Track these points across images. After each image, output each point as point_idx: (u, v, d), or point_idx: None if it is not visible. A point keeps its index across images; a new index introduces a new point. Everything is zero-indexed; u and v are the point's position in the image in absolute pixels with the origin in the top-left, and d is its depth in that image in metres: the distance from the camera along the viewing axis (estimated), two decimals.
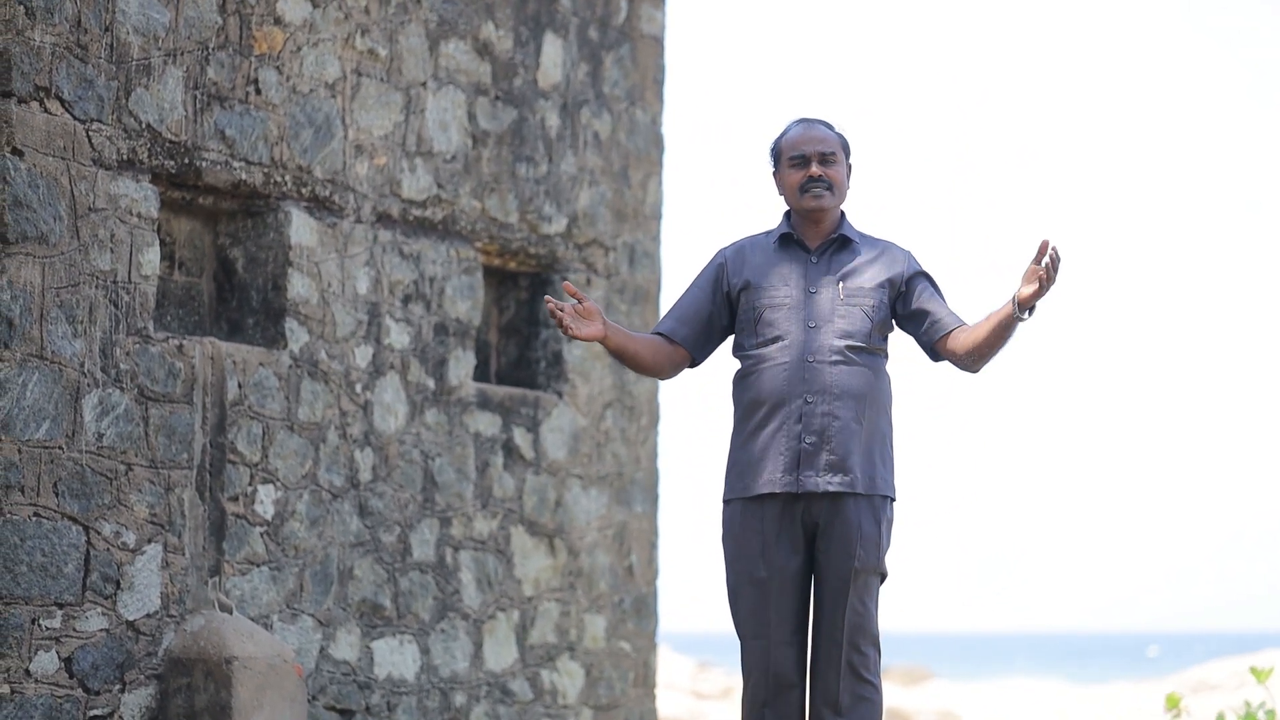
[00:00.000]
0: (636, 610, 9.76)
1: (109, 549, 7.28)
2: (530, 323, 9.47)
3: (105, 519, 7.27)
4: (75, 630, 7.18)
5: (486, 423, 8.97)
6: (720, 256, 6.35)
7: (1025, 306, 5.99)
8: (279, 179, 8.04)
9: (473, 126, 8.93)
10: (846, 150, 6.34)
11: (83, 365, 7.21)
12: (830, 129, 6.33)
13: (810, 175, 6.24)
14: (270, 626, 7.95)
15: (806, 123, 6.34)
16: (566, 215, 9.41)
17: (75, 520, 7.17)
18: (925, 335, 6.26)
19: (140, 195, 7.46)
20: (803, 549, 6.14)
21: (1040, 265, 5.94)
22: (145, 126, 7.48)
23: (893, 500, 6.22)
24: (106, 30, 7.32)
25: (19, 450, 6.98)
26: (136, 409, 7.41)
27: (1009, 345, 6.12)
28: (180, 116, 7.61)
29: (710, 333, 6.32)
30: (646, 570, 9.84)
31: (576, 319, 6.07)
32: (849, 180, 6.34)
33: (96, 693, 7.27)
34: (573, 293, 6.06)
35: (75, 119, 7.20)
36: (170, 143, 7.58)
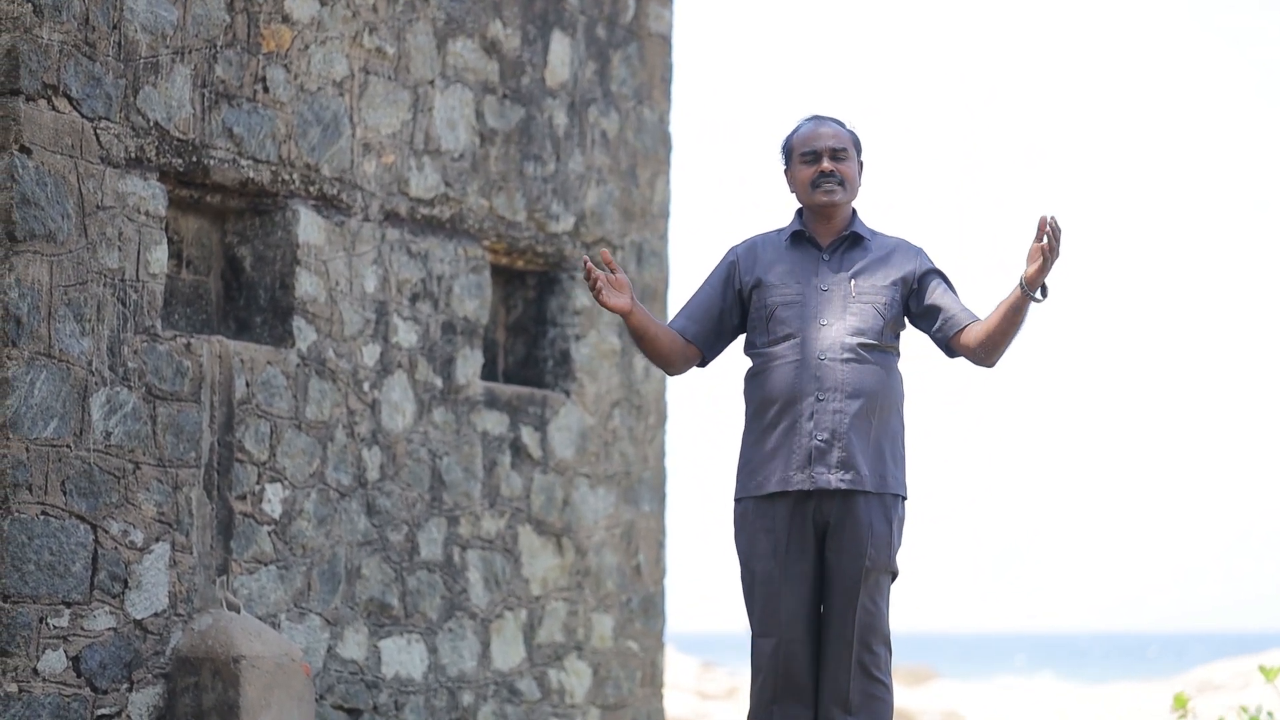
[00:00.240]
0: (644, 610, 9.74)
1: (117, 548, 7.27)
2: (538, 321, 9.45)
3: (113, 518, 7.26)
4: (83, 629, 7.17)
5: (494, 421, 8.96)
6: (732, 254, 6.34)
7: (1034, 285, 5.98)
8: (287, 177, 8.03)
9: (480, 125, 8.92)
10: (858, 147, 6.33)
11: (90, 364, 7.20)
12: (842, 126, 6.32)
13: (822, 170, 6.23)
14: (278, 625, 7.94)
15: (818, 119, 6.34)
16: (574, 214, 9.39)
17: (83, 519, 7.15)
18: (939, 332, 6.24)
19: (148, 193, 7.45)
20: (814, 547, 6.12)
21: (1042, 241, 5.93)
22: (153, 125, 7.46)
23: (904, 499, 6.21)
24: (114, 28, 7.31)
25: (27, 449, 6.97)
26: (144, 407, 7.40)
27: (1021, 332, 6.10)
28: (188, 115, 7.60)
29: (722, 330, 6.31)
30: (654, 570, 9.82)
31: (608, 287, 6.07)
32: (861, 177, 6.33)
33: (104, 692, 7.26)
34: (609, 261, 6.07)
35: (83, 117, 7.19)
36: (178, 141, 7.57)
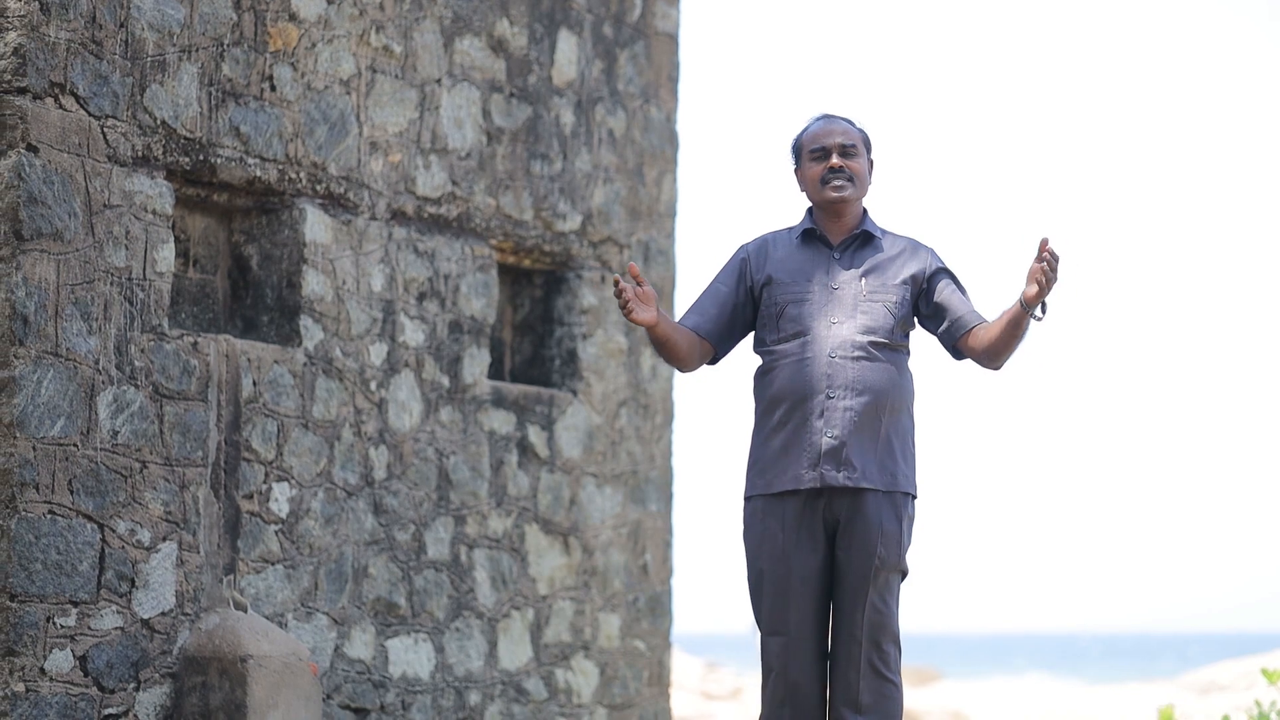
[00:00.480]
0: (651, 609, 9.73)
1: (124, 547, 7.26)
2: (545, 320, 9.44)
3: (120, 517, 7.25)
4: (90, 628, 7.16)
5: (501, 421, 8.95)
6: (743, 251, 6.33)
7: (1032, 306, 5.98)
8: (294, 176, 8.02)
9: (487, 123, 8.91)
10: (868, 145, 6.32)
11: (97, 362, 7.19)
12: (851, 124, 6.32)
13: (831, 167, 6.23)
14: (285, 625, 7.92)
15: (827, 118, 6.33)
16: (581, 213, 9.38)
17: (90, 518, 7.14)
18: (947, 333, 6.24)
19: (155, 192, 7.44)
20: (824, 546, 6.11)
21: (1042, 263, 5.94)
22: (160, 123, 7.45)
23: (914, 497, 6.20)
24: (121, 26, 7.30)
25: (34, 448, 6.96)
26: (151, 406, 7.39)
27: (1024, 342, 6.11)
28: (195, 113, 7.59)
29: (734, 327, 6.29)
30: (661, 569, 9.81)
31: (637, 302, 6.06)
32: (871, 175, 6.32)
33: (111, 691, 7.24)
34: (636, 275, 6.05)
35: (90, 115, 7.18)
36: (185, 139, 7.56)
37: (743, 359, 6.40)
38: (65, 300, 7.08)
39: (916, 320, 6.29)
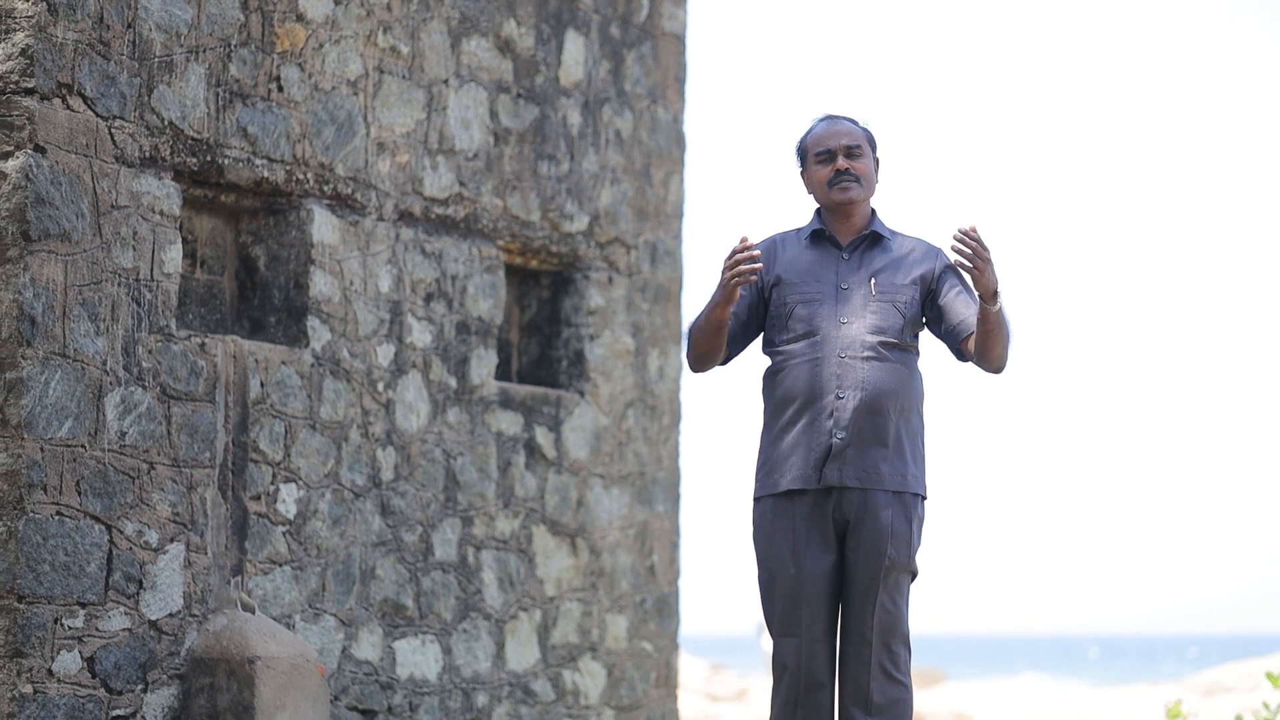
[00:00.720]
0: (658, 610, 9.72)
1: (131, 548, 7.25)
2: (552, 321, 9.43)
3: (128, 518, 7.24)
4: (98, 630, 7.15)
5: (508, 422, 8.94)
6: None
7: (981, 292, 5.97)
8: (301, 176, 8.01)
9: (494, 124, 8.90)
10: (873, 144, 6.30)
11: (105, 363, 7.18)
12: (855, 124, 6.30)
13: (837, 169, 6.21)
14: (293, 626, 7.91)
15: (831, 119, 6.32)
16: (588, 213, 9.37)
17: (98, 519, 7.13)
18: (950, 336, 6.22)
19: (162, 193, 7.43)
20: (833, 546, 6.10)
21: (967, 250, 5.92)
22: (167, 124, 7.44)
23: (924, 498, 6.19)
24: (129, 27, 7.29)
25: (41, 449, 6.95)
26: (159, 407, 7.38)
27: (1005, 338, 6.07)
28: (202, 114, 7.58)
29: (749, 327, 6.28)
30: (668, 570, 9.80)
31: (747, 275, 6.03)
32: (877, 174, 6.30)
33: (119, 692, 7.23)
34: (750, 250, 6.04)
35: (98, 116, 7.17)
36: (192, 140, 7.55)
37: (751, 359, 6.39)
38: (73, 301, 7.07)
39: (924, 321, 6.28)
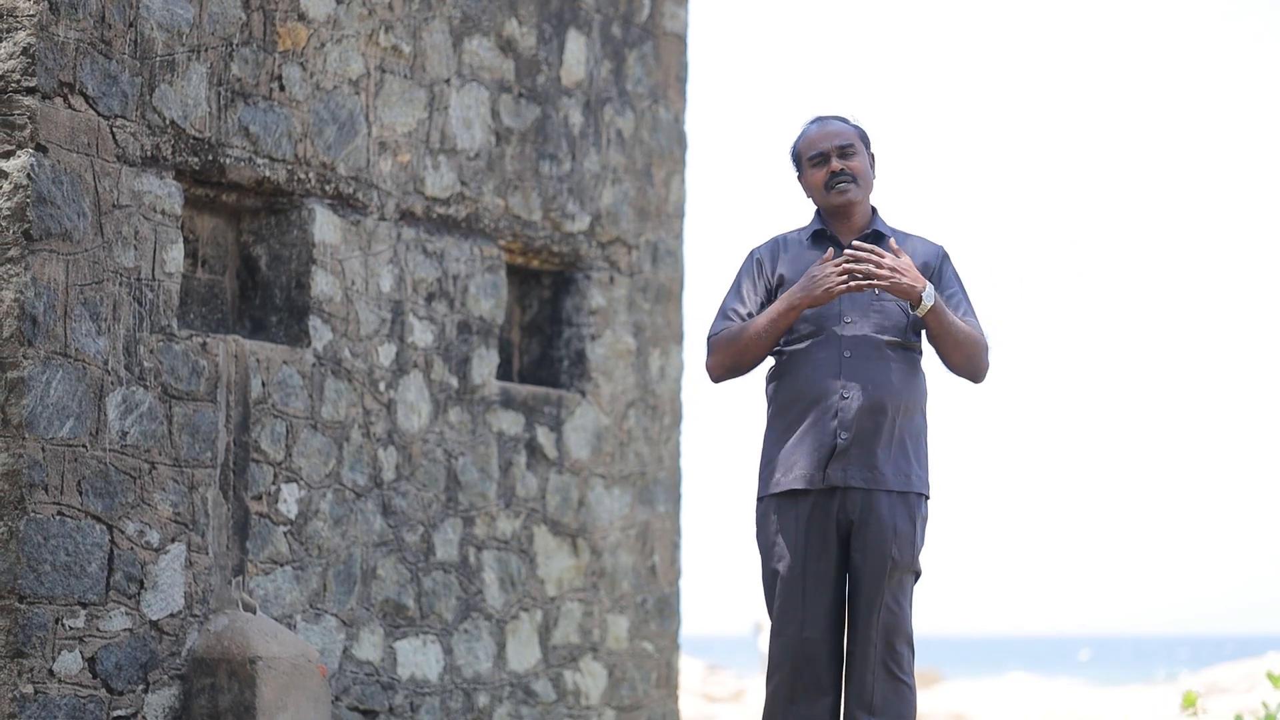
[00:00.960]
0: (659, 611, 9.71)
1: (133, 548, 7.24)
2: (553, 321, 9.42)
3: (129, 518, 7.23)
4: (99, 630, 7.14)
5: (510, 422, 8.93)
6: (756, 254, 6.30)
7: (909, 302, 6.03)
8: (303, 176, 8.00)
9: (496, 124, 8.89)
10: (866, 140, 6.28)
11: (106, 363, 7.17)
12: (846, 122, 6.28)
13: (832, 171, 6.20)
14: (294, 626, 7.90)
15: (821, 120, 6.30)
16: (590, 213, 9.36)
17: (99, 519, 7.12)
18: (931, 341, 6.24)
19: (164, 192, 7.42)
20: (837, 546, 6.09)
21: (862, 269, 6.02)
22: (169, 123, 7.43)
23: (927, 498, 6.18)
24: (130, 26, 7.28)
25: (43, 448, 6.94)
26: (160, 407, 7.37)
27: (954, 342, 6.10)
28: (204, 113, 7.57)
29: None
30: (669, 570, 9.79)
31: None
32: (873, 170, 6.29)
33: (120, 693, 7.22)
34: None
35: (99, 115, 7.16)
36: (194, 139, 7.54)
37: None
38: (74, 301, 7.05)
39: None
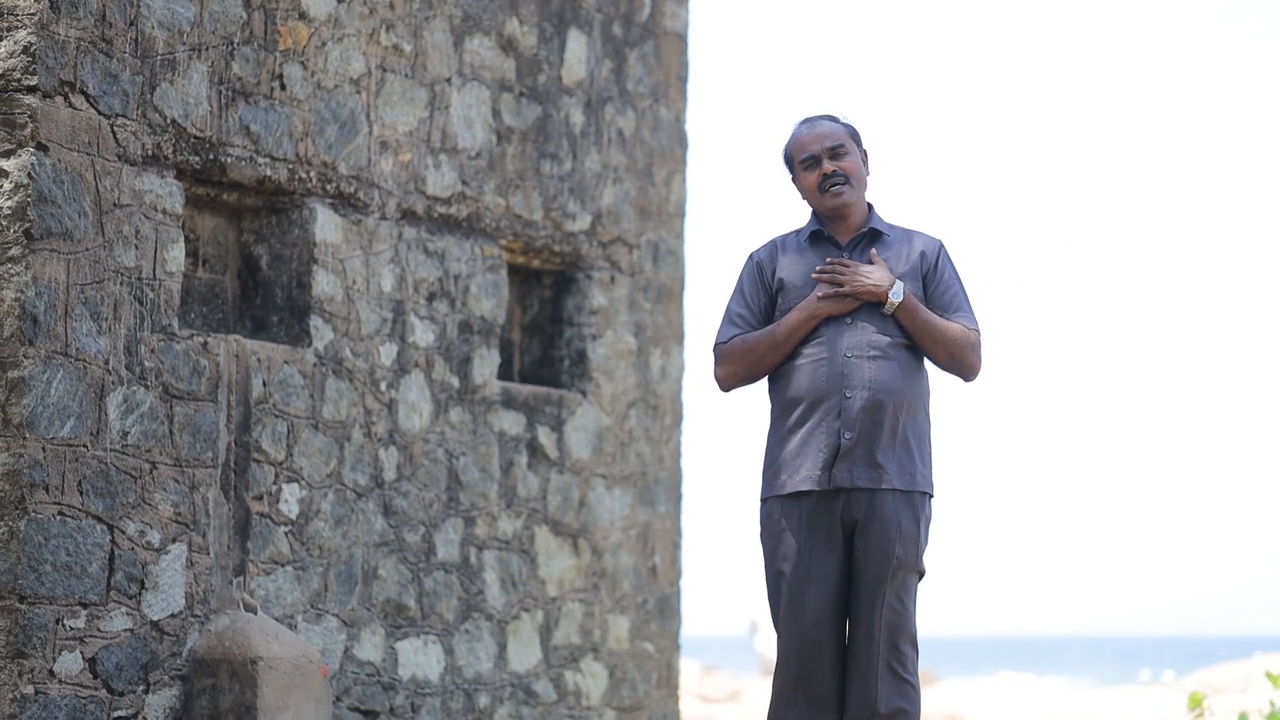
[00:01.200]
0: (660, 611, 9.70)
1: (133, 548, 7.22)
2: (554, 321, 9.41)
3: (130, 518, 7.21)
4: (99, 630, 7.12)
5: (511, 422, 8.91)
6: (755, 257, 6.30)
7: (881, 304, 6.07)
8: (304, 175, 7.99)
9: (497, 123, 8.87)
10: (856, 138, 6.26)
11: (107, 363, 7.15)
12: (835, 121, 6.26)
13: (824, 173, 6.18)
14: (295, 627, 7.89)
15: (809, 122, 6.28)
16: (590, 213, 9.35)
17: (99, 519, 7.10)
18: None
19: (165, 191, 7.40)
20: (841, 546, 6.08)
21: (835, 287, 6.07)
22: (170, 122, 7.42)
23: (931, 497, 6.17)
24: (131, 24, 7.26)
25: (43, 448, 6.92)
26: (161, 407, 7.35)
27: (932, 339, 6.11)
28: (205, 112, 7.55)
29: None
30: (670, 571, 9.78)
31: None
32: (867, 168, 6.27)
33: (120, 693, 7.20)
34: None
35: (100, 114, 7.14)
36: (195, 138, 7.52)
37: None
38: (75, 300, 7.04)
39: None
